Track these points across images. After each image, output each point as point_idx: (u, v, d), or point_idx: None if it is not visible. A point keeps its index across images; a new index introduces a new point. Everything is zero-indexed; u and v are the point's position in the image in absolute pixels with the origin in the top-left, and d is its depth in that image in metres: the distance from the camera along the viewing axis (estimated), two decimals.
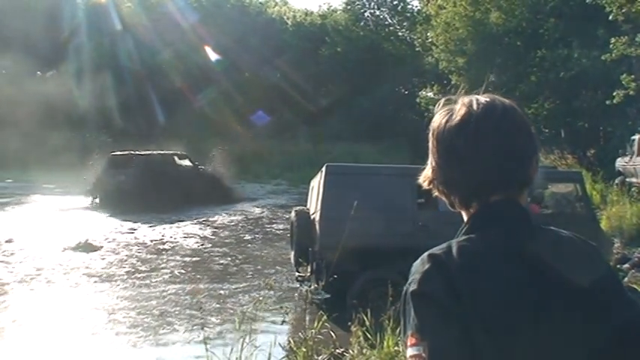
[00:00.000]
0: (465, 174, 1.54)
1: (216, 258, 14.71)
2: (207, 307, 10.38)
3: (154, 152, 25.04)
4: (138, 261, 14.18)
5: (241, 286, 11.93)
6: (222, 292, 11.49)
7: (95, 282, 12.28)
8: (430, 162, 1.62)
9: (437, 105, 1.65)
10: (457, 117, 1.56)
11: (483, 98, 1.59)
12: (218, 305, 10.60)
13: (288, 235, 12.49)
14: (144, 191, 21.66)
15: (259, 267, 13.71)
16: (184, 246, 16.15)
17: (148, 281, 12.26)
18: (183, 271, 13.15)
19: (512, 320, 1.40)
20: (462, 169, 1.54)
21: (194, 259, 14.61)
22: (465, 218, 1.60)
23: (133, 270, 13.22)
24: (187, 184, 23.14)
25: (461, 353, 1.36)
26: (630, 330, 1.45)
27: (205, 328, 8.89)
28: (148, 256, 14.69)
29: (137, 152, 24.58)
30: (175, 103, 40.96)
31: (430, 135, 1.61)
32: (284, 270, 13.03)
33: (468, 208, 1.58)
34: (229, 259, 14.67)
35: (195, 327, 9.30)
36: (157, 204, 21.07)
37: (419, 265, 1.48)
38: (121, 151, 24.93)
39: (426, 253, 1.50)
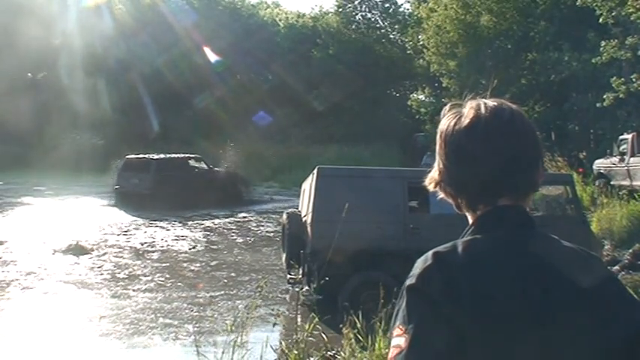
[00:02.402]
0: (473, 176, 1.55)
1: (201, 264, 14.50)
2: (185, 315, 10.29)
3: (168, 155, 25.34)
4: (121, 266, 13.92)
5: (219, 293, 11.76)
6: (200, 299, 11.32)
7: (71, 289, 12.00)
8: (437, 164, 1.62)
9: (443, 109, 1.66)
10: (466, 119, 1.57)
11: (491, 102, 1.61)
12: (196, 313, 10.43)
13: (277, 238, 12.47)
14: (157, 194, 22.23)
15: (250, 273, 13.54)
16: (173, 249, 16.08)
17: (129, 289, 11.97)
18: (162, 279, 12.83)
19: (512, 323, 1.40)
20: (471, 171, 1.55)
21: (179, 264, 14.40)
22: (471, 221, 1.61)
23: (111, 277, 12.95)
24: (201, 187, 23.54)
25: (441, 351, 1.37)
26: None
27: (189, 335, 8.89)
28: (132, 262, 14.44)
29: (151, 155, 24.85)
30: (168, 105, 40.88)
31: (438, 137, 1.62)
32: (258, 277, 12.82)
33: (475, 210, 1.58)
34: (213, 265, 14.47)
35: (178, 333, 9.30)
36: (170, 206, 21.48)
37: (421, 262, 1.48)
38: (135, 154, 25.21)
39: (431, 251, 1.50)
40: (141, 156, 24.76)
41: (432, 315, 1.39)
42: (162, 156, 25.02)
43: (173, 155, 25.64)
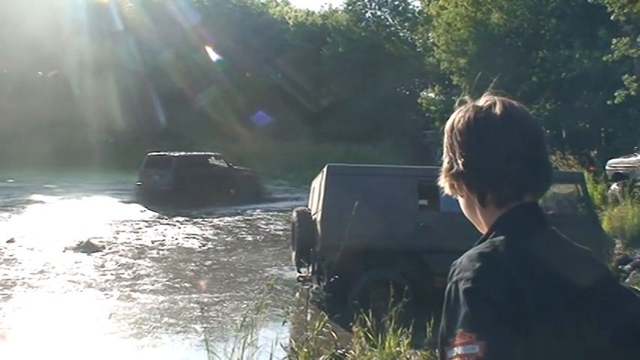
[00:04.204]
0: (510, 170, 1.54)
1: (209, 263, 14.43)
2: (191, 314, 10.23)
3: (189, 153, 26.08)
4: (129, 265, 13.84)
5: (225, 294, 11.65)
6: (206, 299, 11.26)
7: (77, 288, 11.92)
8: (458, 158, 1.59)
9: (457, 102, 1.66)
10: (498, 112, 1.57)
11: (511, 100, 1.62)
12: (200, 313, 10.22)
13: (283, 238, 12.43)
14: (178, 190, 23.00)
15: (255, 273, 13.54)
16: (182, 248, 16.07)
17: (136, 288, 11.89)
18: (169, 278, 12.74)
19: (568, 317, 1.41)
20: (510, 165, 1.54)
21: (186, 263, 14.30)
22: (486, 217, 1.60)
23: (119, 276, 12.86)
24: (220, 184, 24.22)
25: (519, 354, 1.35)
26: None
27: (197, 334, 8.89)
28: (140, 261, 14.37)
29: (172, 153, 25.39)
30: (177, 103, 40.96)
31: (464, 128, 1.60)
32: (255, 277, 12.84)
33: (502, 206, 1.56)
34: (220, 264, 14.40)
35: (186, 332, 9.29)
36: (190, 203, 22.10)
37: (467, 263, 1.44)
38: (156, 151, 25.64)
39: (473, 252, 1.48)
40: (162, 153, 25.21)
41: (501, 320, 1.36)
42: (182, 153, 25.61)
43: (193, 153, 26.38)
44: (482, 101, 1.61)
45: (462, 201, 1.66)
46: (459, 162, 1.58)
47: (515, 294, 1.38)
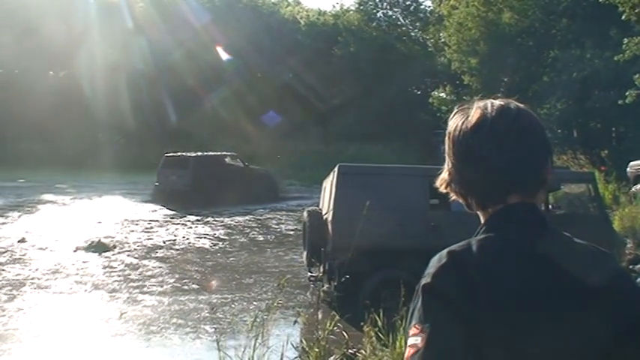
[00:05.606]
0: (482, 175, 1.56)
1: (217, 264, 14.44)
2: (200, 315, 10.25)
3: (206, 153, 26.25)
4: (138, 265, 13.84)
5: (233, 294, 11.65)
6: (215, 300, 11.25)
7: (86, 288, 11.93)
8: (447, 164, 1.64)
9: (454, 110, 1.68)
10: (473, 119, 1.59)
11: (498, 102, 1.62)
12: (208, 314, 10.32)
13: (290, 239, 12.42)
14: (195, 190, 23.25)
15: (259, 275, 13.50)
16: (193, 248, 16.09)
17: (144, 289, 11.89)
18: (178, 279, 12.74)
19: (527, 321, 1.42)
20: (479, 170, 1.56)
21: (195, 264, 14.30)
22: (482, 219, 1.62)
23: (128, 276, 12.86)
24: (237, 184, 24.27)
25: (457, 350, 1.39)
26: None
27: (208, 334, 8.91)
28: (150, 261, 14.36)
29: (189, 153, 25.62)
30: (188, 103, 40.96)
31: (447, 138, 1.64)
32: (261, 278, 12.74)
33: (485, 209, 1.60)
34: (228, 265, 14.40)
35: (197, 332, 9.31)
36: (208, 202, 22.36)
37: (436, 261, 1.50)
38: (172, 152, 25.79)
39: (445, 250, 1.52)
40: (179, 154, 25.41)
41: (448, 314, 1.41)
42: (199, 154, 25.79)
43: (210, 153, 26.53)
44: (472, 107, 1.63)
45: None
46: (445, 169, 1.65)
47: (471, 292, 1.42)
